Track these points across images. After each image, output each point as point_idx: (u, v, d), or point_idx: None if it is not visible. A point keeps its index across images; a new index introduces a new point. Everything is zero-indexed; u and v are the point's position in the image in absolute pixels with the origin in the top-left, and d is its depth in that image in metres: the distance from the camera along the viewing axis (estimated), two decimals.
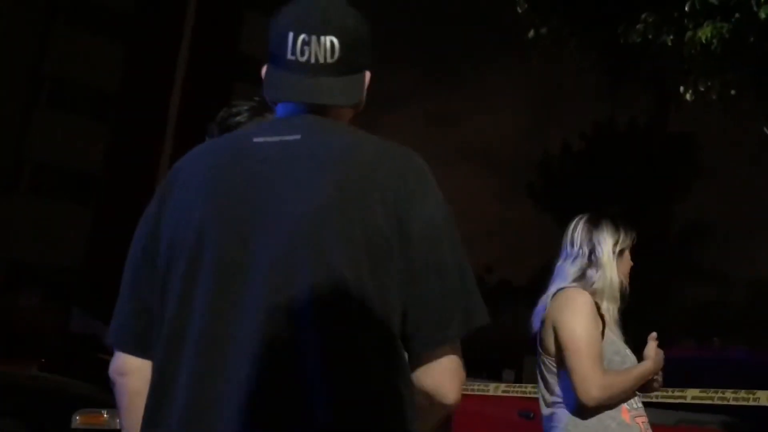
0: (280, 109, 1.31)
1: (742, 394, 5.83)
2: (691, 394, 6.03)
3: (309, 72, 1.24)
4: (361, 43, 1.29)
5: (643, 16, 5.38)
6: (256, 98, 1.93)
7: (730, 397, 5.90)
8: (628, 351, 2.42)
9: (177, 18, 24.79)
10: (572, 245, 2.45)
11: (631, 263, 2.56)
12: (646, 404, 2.54)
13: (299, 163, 1.16)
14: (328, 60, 1.24)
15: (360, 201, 1.13)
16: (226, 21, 26.20)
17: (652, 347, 2.42)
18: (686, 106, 5.94)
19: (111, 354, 1.23)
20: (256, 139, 1.22)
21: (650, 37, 5.24)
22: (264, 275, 1.11)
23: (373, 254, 1.11)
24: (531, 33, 6.11)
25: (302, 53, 1.24)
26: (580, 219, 2.50)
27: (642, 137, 29.39)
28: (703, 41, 4.77)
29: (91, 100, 23.18)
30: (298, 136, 1.20)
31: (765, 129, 5.72)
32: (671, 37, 5.13)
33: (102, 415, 5.91)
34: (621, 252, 2.46)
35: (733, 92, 5.41)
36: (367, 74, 1.32)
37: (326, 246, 1.10)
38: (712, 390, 6.04)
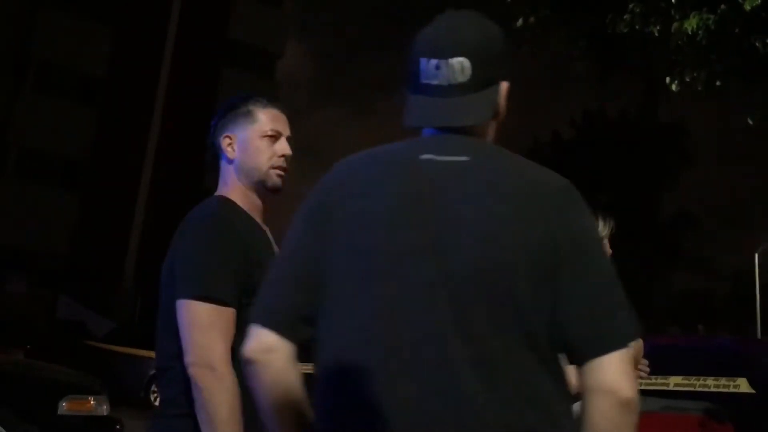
0: (425, 130, 1.36)
1: (723, 381, 5.93)
2: (674, 382, 6.12)
3: (442, 94, 1.29)
4: (494, 56, 1.32)
5: (631, 6, 5.39)
6: (241, 93, 2.01)
7: (712, 384, 6.00)
8: None
9: (165, 2, 24.59)
10: None
11: (611, 251, 2.62)
12: None
13: (475, 186, 1.22)
14: (460, 80, 1.28)
15: (533, 221, 1.20)
16: (214, 5, 25.99)
17: None
18: (674, 96, 5.97)
19: (98, 341, 1.23)
20: (423, 157, 1.26)
21: (637, 27, 5.26)
22: (456, 290, 1.17)
23: (548, 272, 1.19)
24: (520, 22, 6.12)
25: (435, 77, 1.29)
26: None
27: (631, 126, 29.50)
28: (690, 32, 4.79)
29: (78, 85, 22.97)
30: (466, 158, 1.25)
31: (749, 120, 5.76)
32: (658, 27, 5.15)
33: (89, 401, 5.91)
34: None
35: (718, 83, 5.45)
36: (503, 85, 1.35)
37: (513, 264, 1.17)
38: (694, 377, 6.14)
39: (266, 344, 1.23)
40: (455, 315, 1.16)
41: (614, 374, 1.17)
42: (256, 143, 1.89)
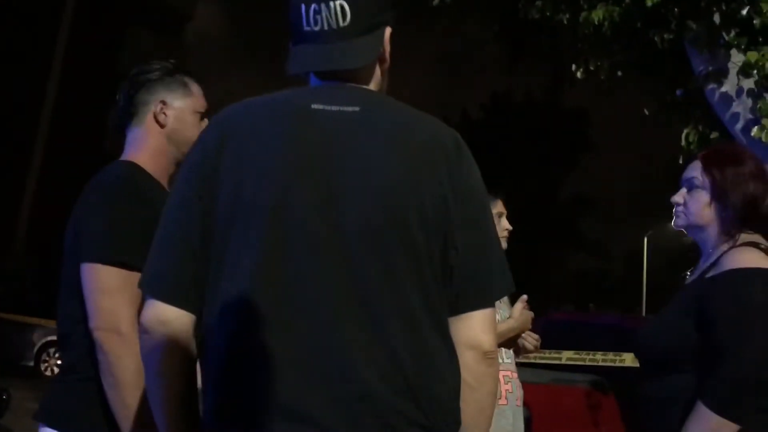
0: (312, 80, 1.33)
1: (611, 356, 6.34)
2: (566, 356, 6.50)
3: (324, 39, 1.27)
4: (375, 1, 1.30)
5: None
6: (171, 61, 1.94)
7: (600, 359, 6.40)
8: (500, 311, 2.62)
9: None
10: None
11: (509, 227, 2.78)
12: (524, 364, 2.71)
13: (367, 137, 1.21)
14: (341, 24, 1.26)
15: (425, 174, 1.21)
16: None
17: (518, 308, 2.63)
18: (579, 84, 6.22)
19: None
20: (314, 106, 1.23)
21: (548, 14, 5.42)
22: (349, 245, 1.15)
23: (439, 226, 1.21)
24: (436, 1, 6.18)
25: (315, 22, 1.26)
26: None
27: (537, 110, 30.46)
28: (596, 22, 4.99)
29: None
30: (356, 108, 1.24)
31: (645, 110, 6.10)
32: (567, 15, 5.34)
33: None
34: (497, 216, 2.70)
35: (619, 73, 5.72)
36: (387, 30, 1.33)
37: (406, 218, 1.18)
38: (585, 352, 6.53)
39: (160, 315, 1.18)
40: (346, 271, 1.15)
41: (479, 330, 1.23)
42: (189, 117, 1.86)
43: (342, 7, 1.26)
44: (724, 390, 1.65)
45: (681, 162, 5.39)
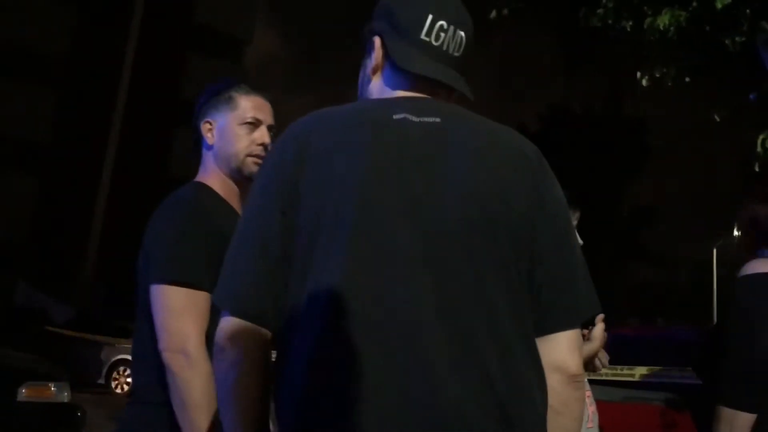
0: (386, 88, 1.30)
1: (689, 371, 6.07)
2: (639, 373, 6.27)
3: (438, 58, 1.26)
4: (473, 48, 1.32)
5: (604, 1, 5.44)
6: (247, 85, 1.95)
7: (677, 375, 6.15)
8: None
9: None
10: None
11: (581, 242, 2.66)
12: (596, 381, 2.62)
13: (450, 147, 1.18)
14: (455, 53, 1.27)
15: (510, 185, 1.17)
16: None
17: (600, 329, 2.52)
18: (641, 91, 6.06)
19: (58, 327, 1.14)
20: (395, 116, 1.20)
21: (610, 22, 5.31)
22: (436, 256, 1.11)
23: (525, 239, 1.16)
24: (494, 13, 6.13)
25: (437, 38, 1.26)
26: None
27: (596, 120, 29.95)
28: (662, 28, 4.85)
29: (37, 65, 22.36)
30: (437, 119, 1.21)
31: (716, 116, 5.88)
32: (630, 23, 5.22)
33: (49, 387, 5.79)
34: None
35: (687, 79, 5.55)
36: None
37: (493, 228, 1.14)
38: (659, 368, 6.29)
39: (237, 333, 1.14)
40: (434, 284, 1.10)
41: (566, 352, 1.18)
42: (234, 130, 1.87)
43: (462, 39, 1.28)
44: (728, 384, 1.79)
45: (757, 169, 5.16)
